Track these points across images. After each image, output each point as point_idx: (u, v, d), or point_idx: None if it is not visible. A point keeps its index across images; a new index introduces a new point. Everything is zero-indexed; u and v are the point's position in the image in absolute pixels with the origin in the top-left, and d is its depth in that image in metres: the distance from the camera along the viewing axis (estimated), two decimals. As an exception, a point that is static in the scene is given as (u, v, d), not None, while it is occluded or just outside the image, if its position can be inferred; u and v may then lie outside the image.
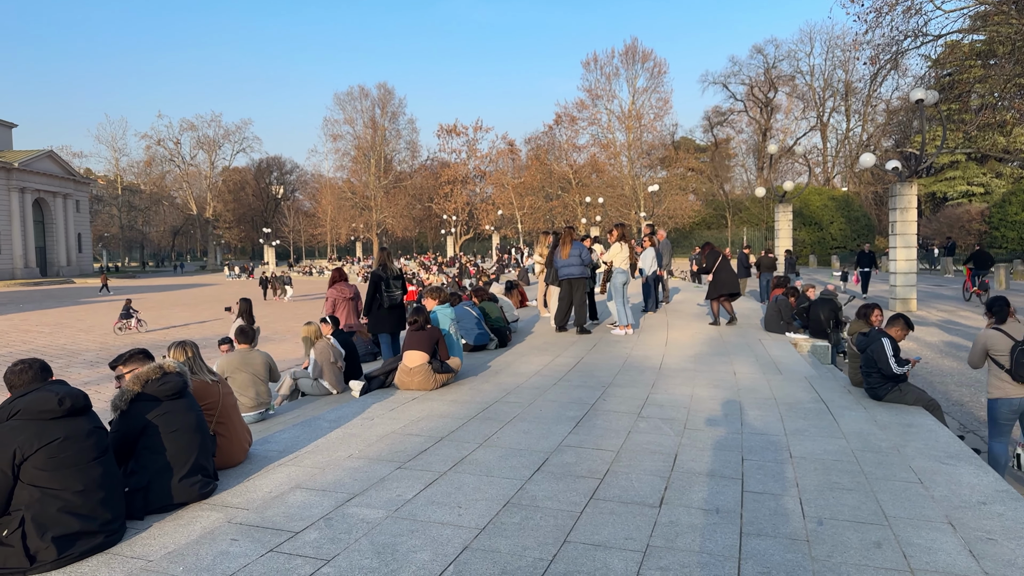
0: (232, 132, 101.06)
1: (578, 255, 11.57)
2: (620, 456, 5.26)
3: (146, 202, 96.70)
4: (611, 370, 8.83)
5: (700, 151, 79.90)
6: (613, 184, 69.42)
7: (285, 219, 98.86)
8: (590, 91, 70.36)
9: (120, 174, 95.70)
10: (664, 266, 15.93)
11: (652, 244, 14.33)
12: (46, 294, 48.59)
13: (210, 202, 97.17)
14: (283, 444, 5.75)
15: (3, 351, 19.74)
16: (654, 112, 69.89)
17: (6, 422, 3.49)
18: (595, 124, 71.72)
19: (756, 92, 75.33)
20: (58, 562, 3.44)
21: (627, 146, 70.01)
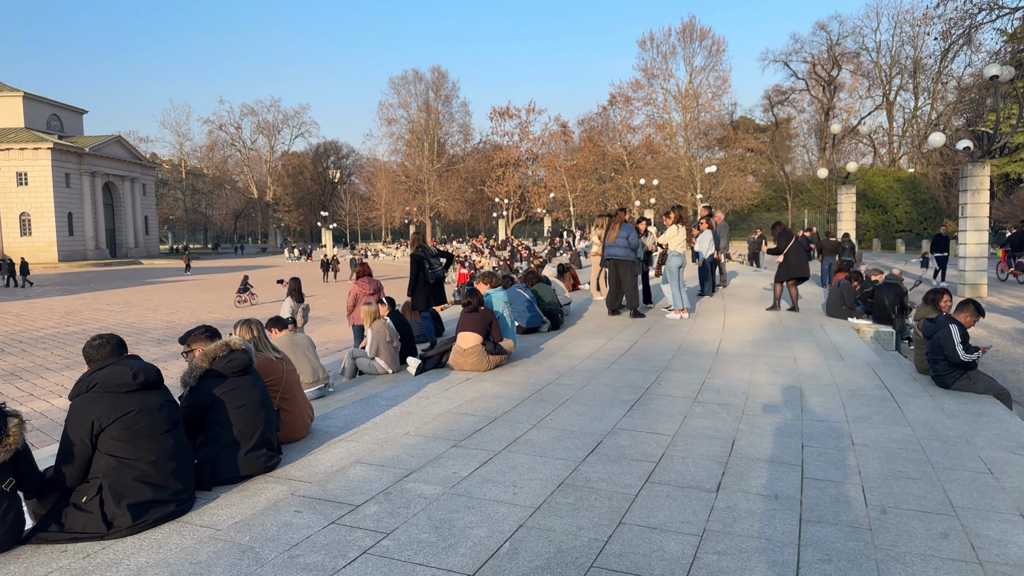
0: (291, 117, 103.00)
1: (625, 237, 11.45)
2: (676, 440, 5.22)
3: (209, 185, 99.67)
4: (666, 354, 8.75)
5: (760, 131, 77.88)
6: (668, 165, 68.32)
7: (341, 202, 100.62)
8: (646, 70, 69.25)
9: (184, 158, 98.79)
10: (722, 249, 15.64)
11: (709, 227, 14.07)
12: (115, 274, 50.66)
13: (270, 186, 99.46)
14: (343, 420, 5.89)
15: (76, 328, 20.71)
16: (712, 91, 68.39)
17: (85, 394, 3.67)
18: (651, 104, 70.62)
19: (819, 70, 72.85)
20: (133, 528, 3.61)
21: (684, 126, 68.74)
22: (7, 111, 68.28)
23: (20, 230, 65.08)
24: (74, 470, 3.60)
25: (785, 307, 12.64)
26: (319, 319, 20.09)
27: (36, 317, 23.99)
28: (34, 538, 3.52)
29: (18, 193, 64.69)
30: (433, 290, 11.19)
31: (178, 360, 13.44)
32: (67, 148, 67.02)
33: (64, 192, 66.99)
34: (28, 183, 64.73)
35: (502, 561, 3.31)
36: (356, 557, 3.35)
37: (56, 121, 74.16)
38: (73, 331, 20.15)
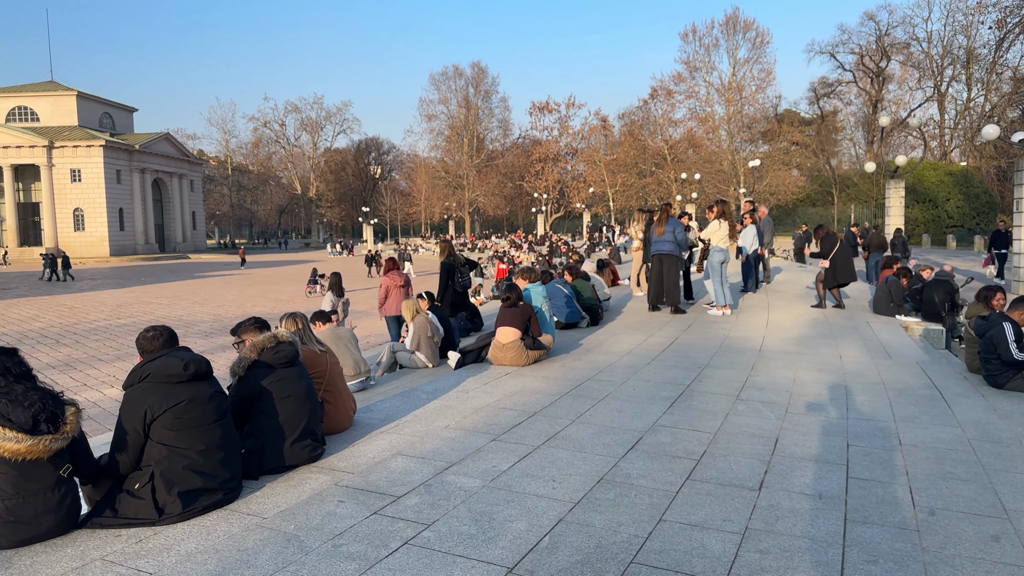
0: (333, 114, 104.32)
1: (672, 232, 11.34)
2: (717, 438, 5.17)
3: (254, 182, 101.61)
4: (708, 351, 8.65)
5: (805, 124, 76.21)
6: (711, 159, 67.38)
7: (382, 198, 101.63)
8: (688, 63, 68.32)
9: (230, 155, 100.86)
10: (765, 244, 15.38)
11: (753, 221, 13.85)
12: (164, 268, 52.02)
13: (313, 182, 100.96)
14: (384, 413, 5.97)
15: (127, 321, 21.33)
16: (756, 84, 67.19)
17: (138, 384, 3.79)
18: (692, 97, 69.63)
19: (867, 61, 70.91)
20: (183, 515, 3.72)
21: (726, 120, 67.69)
22: (62, 110, 70.56)
23: (74, 225, 67.22)
24: (127, 458, 3.73)
25: (830, 305, 12.39)
26: (360, 313, 20.35)
27: (89, 309, 24.78)
28: (90, 523, 3.65)
29: (72, 189, 66.81)
30: (460, 298, 11.62)
31: (224, 352, 13.76)
32: (118, 146, 68.98)
33: (115, 188, 68.98)
34: (82, 180, 66.81)
35: (542, 555, 3.32)
36: (398, 547, 3.40)
37: (108, 119, 76.37)
38: (124, 323, 20.77)
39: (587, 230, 62.22)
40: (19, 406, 3.34)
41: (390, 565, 3.23)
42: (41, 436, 3.35)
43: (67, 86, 72.52)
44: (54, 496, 3.45)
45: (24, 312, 24.33)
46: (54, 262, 39.56)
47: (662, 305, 12.01)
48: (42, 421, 3.37)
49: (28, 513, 3.39)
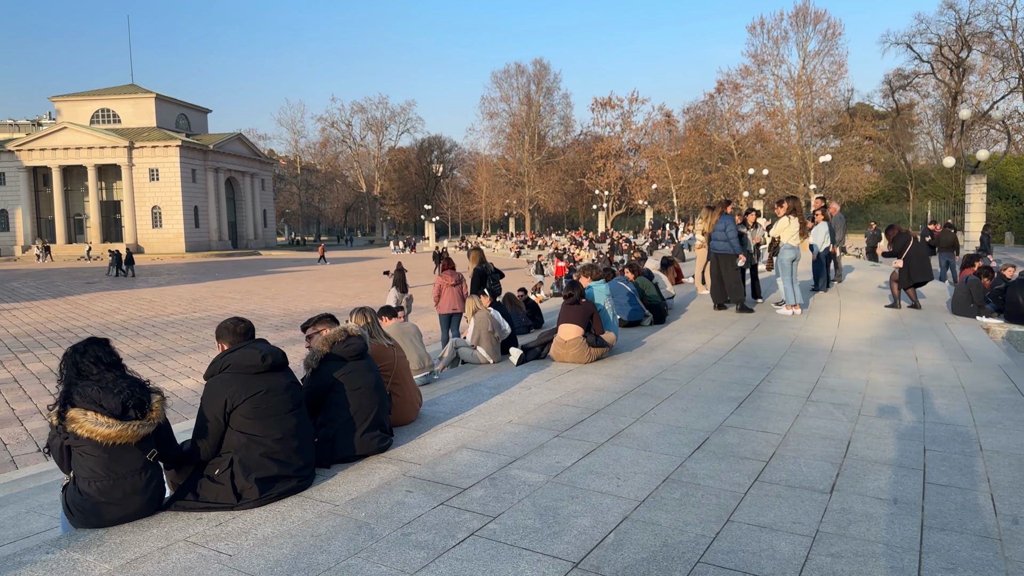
0: (398, 113, 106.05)
1: (722, 229, 11.11)
2: (787, 440, 5.06)
3: (321, 180, 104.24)
4: (776, 351, 8.46)
5: (879, 118, 73.43)
6: (779, 155, 65.64)
7: (444, 196, 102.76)
8: (755, 56, 66.71)
9: (299, 154, 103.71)
10: (837, 242, 14.91)
11: (825, 218, 13.45)
12: (237, 264, 53.87)
13: (378, 180, 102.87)
14: (449, 407, 6.06)
15: (202, 314, 22.19)
16: (827, 77, 65.08)
17: (219, 374, 3.96)
18: (760, 91, 68.01)
19: (946, 52, 67.72)
20: (259, 501, 3.87)
21: (796, 114, 65.79)
22: (141, 111, 73.83)
23: (152, 222, 70.27)
24: (208, 445, 3.90)
25: (905, 305, 11.92)
26: (423, 309, 20.64)
27: (166, 303, 25.89)
28: (173, 505, 3.84)
29: (150, 188, 69.84)
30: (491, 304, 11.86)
31: (294, 345, 14.18)
32: (193, 145, 71.75)
33: (191, 187, 71.79)
34: (159, 179, 69.77)
35: (607, 551, 3.32)
36: (464, 538, 3.46)
37: (184, 120, 79.52)
38: (199, 317, 21.62)
39: (649, 227, 61.49)
40: (110, 393, 3.54)
41: (457, 555, 3.29)
42: (129, 422, 3.54)
43: (146, 88, 75.84)
44: (141, 479, 3.64)
45: (107, 305, 25.60)
46: (119, 258, 41.77)
47: (728, 304, 11.79)
48: (130, 408, 3.56)
49: (117, 494, 3.58)
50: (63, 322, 20.91)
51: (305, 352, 4.90)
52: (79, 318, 21.87)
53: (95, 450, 3.50)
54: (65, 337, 17.70)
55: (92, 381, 3.57)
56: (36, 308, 24.87)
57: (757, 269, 13.20)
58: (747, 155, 68.04)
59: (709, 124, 74.83)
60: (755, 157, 66.47)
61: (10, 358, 14.86)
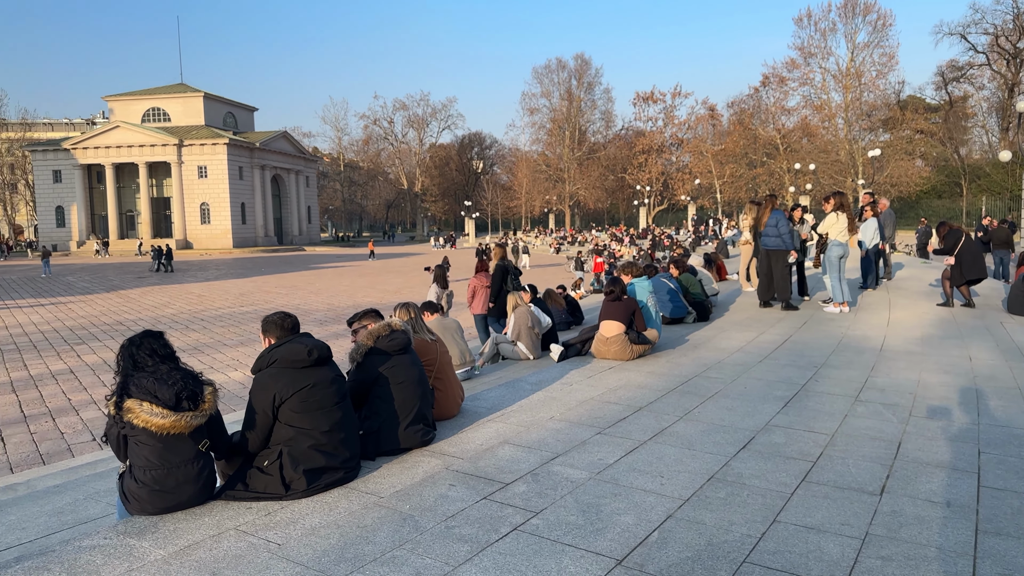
0: (439, 110, 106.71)
1: (774, 225, 10.91)
2: (835, 440, 4.96)
3: (364, 177, 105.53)
4: (824, 350, 8.29)
5: (931, 111, 71.25)
6: (827, 149, 64.22)
7: (484, 192, 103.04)
8: (802, 49, 65.36)
9: (342, 152, 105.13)
10: (887, 239, 14.53)
11: (874, 214, 13.12)
12: (282, 260, 54.89)
13: (419, 177, 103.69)
14: (490, 402, 6.09)
15: (249, 309, 22.68)
16: (876, 69, 63.45)
17: (267, 369, 4.05)
18: (807, 84, 66.62)
19: (1002, 42, 65.32)
20: (307, 492, 3.94)
21: (844, 107, 64.28)
22: (190, 110, 75.60)
23: (200, 218, 71.96)
24: (257, 437, 3.99)
25: (958, 303, 11.56)
26: (462, 305, 20.74)
27: (215, 297, 26.52)
28: (224, 495, 3.94)
29: (199, 185, 71.52)
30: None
31: (338, 340, 14.39)
32: (240, 143, 73.24)
33: (238, 184, 73.31)
34: (207, 176, 71.40)
35: (651, 549, 3.31)
36: (507, 533, 3.48)
37: (231, 119, 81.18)
38: (246, 311, 22.09)
39: (692, 223, 60.75)
40: (164, 385, 3.64)
41: (501, 549, 3.30)
42: (183, 413, 3.64)
43: (195, 87, 77.62)
44: (193, 468, 3.74)
45: (157, 299, 26.33)
46: (160, 254, 42.88)
47: (773, 301, 11.60)
48: (184, 399, 3.66)
49: (171, 483, 3.69)
50: (115, 315, 21.58)
51: (350, 346, 4.97)
52: (131, 312, 22.54)
53: (150, 440, 3.61)
54: (118, 330, 18.26)
55: (147, 373, 3.68)
56: (90, 302, 25.71)
57: (804, 266, 12.95)
58: (793, 150, 66.73)
59: (754, 118, 73.57)
60: (801, 152, 65.16)
61: (66, 350, 15.39)
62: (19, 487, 6.35)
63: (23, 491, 6.14)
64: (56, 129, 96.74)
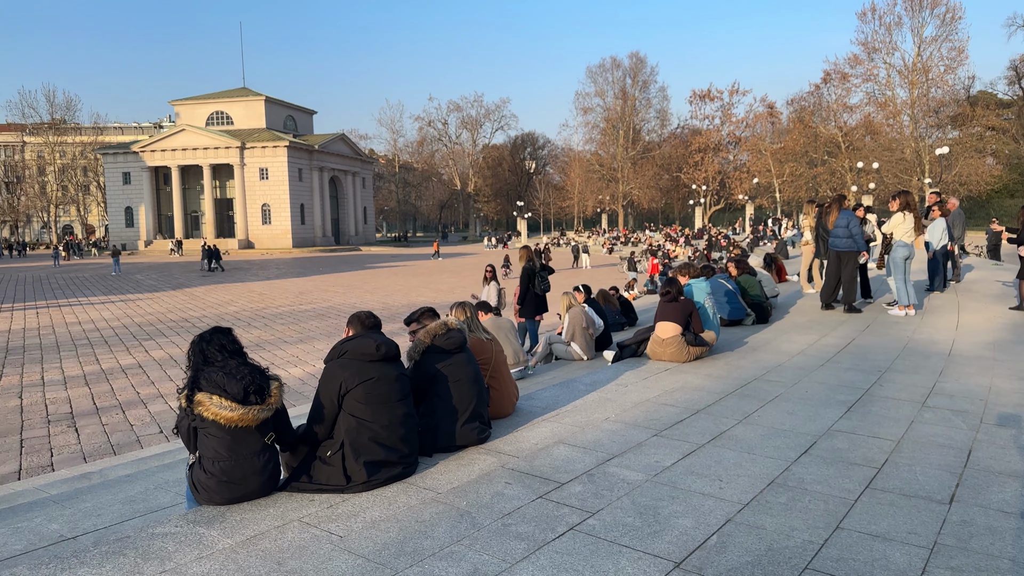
0: (492, 111, 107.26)
1: (845, 226, 10.61)
2: (901, 447, 4.81)
3: (418, 178, 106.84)
4: (888, 354, 8.04)
5: (1003, 107, 68.25)
6: (891, 147, 62.09)
7: (536, 192, 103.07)
8: (866, 44, 63.33)
9: (397, 153, 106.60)
10: (955, 240, 14.00)
11: (943, 214, 12.66)
12: (339, 259, 55.98)
13: (472, 177, 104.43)
14: (545, 402, 6.10)
15: (308, 307, 23.21)
16: (944, 64, 61.00)
17: (337, 359, 4.17)
18: (871, 80, 64.53)
19: (1084, 32, 62.15)
20: (367, 484, 4.03)
21: (909, 104, 62.04)
22: (252, 113, 77.78)
23: (262, 219, 73.97)
24: (323, 427, 4.10)
25: (1034, 306, 11.05)
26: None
27: (275, 296, 27.23)
28: (288, 486, 4.05)
29: (260, 186, 73.52)
30: (539, 301, 12.19)
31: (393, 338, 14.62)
32: (300, 146, 75.00)
33: (297, 185, 75.10)
34: (269, 177, 73.34)
35: (709, 553, 3.27)
36: (564, 532, 3.49)
37: (291, 122, 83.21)
38: (305, 309, 22.63)
39: (750, 223, 59.56)
40: (233, 379, 3.77)
41: (557, 548, 3.32)
42: (250, 406, 3.76)
43: (256, 91, 79.81)
44: (259, 460, 3.87)
45: (221, 297, 27.18)
46: (210, 253, 44.01)
47: (836, 303, 11.30)
48: (251, 393, 3.78)
49: (238, 474, 3.81)
50: (181, 312, 22.37)
51: (408, 345, 5.06)
52: (195, 309, 23.33)
53: (219, 432, 3.75)
54: (183, 327, 18.92)
55: (217, 367, 3.81)
56: (157, 299, 26.72)
57: (867, 267, 12.58)
58: (855, 148, 64.80)
59: (815, 116, 71.71)
60: (864, 150, 63.22)
61: (135, 345, 16.04)
62: (93, 476, 6.67)
63: (97, 480, 6.44)
64: (126, 133, 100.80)
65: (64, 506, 5.07)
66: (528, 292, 12.06)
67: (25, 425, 9.49)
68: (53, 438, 8.87)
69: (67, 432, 9.12)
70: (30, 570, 3.14)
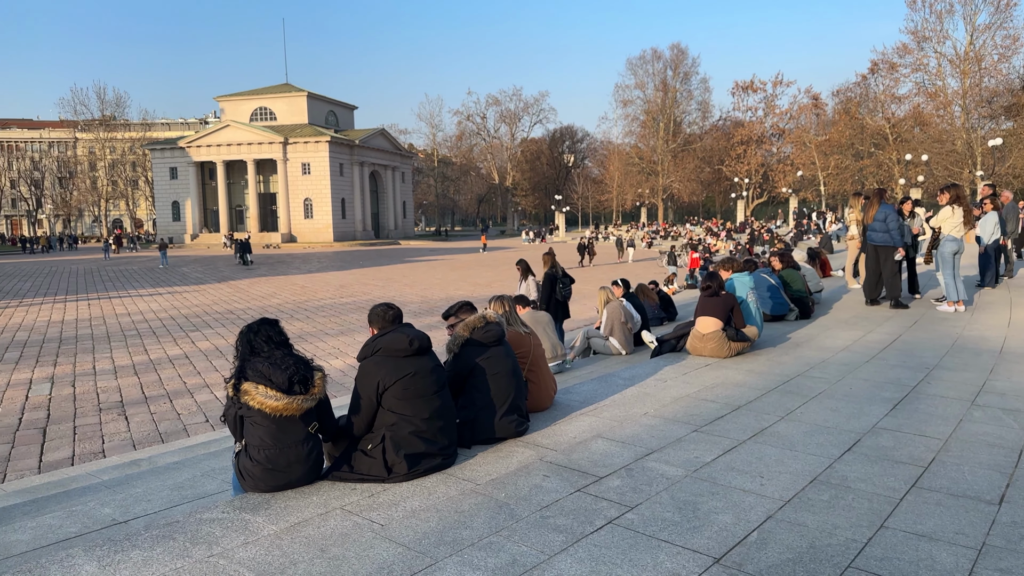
0: (531, 104, 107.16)
1: (883, 220, 10.36)
2: (948, 445, 4.70)
3: (456, 173, 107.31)
4: (936, 350, 7.84)
5: (1062, 96, 65.59)
6: (941, 139, 60.24)
7: (575, 186, 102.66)
8: (915, 33, 61.39)
9: (436, 148, 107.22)
10: (1009, 234, 13.55)
11: (995, 207, 12.26)
12: (379, 253, 56.56)
13: (510, 171, 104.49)
14: (583, 396, 6.10)
15: (349, 300, 23.52)
16: (998, 53, 58.79)
17: (371, 357, 4.22)
18: (920, 70, 62.58)
19: None
20: (407, 476, 4.09)
21: (961, 94, 60.02)
22: (295, 109, 78.89)
23: (304, 213, 75.07)
24: (361, 422, 4.17)
25: (1093, 303, 10.66)
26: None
27: (317, 288, 27.65)
28: (331, 476, 4.13)
29: (303, 181, 74.60)
30: (560, 306, 12.27)
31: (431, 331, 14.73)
32: (341, 141, 75.88)
33: (339, 180, 76.03)
34: (311, 172, 74.36)
35: (750, 549, 3.25)
36: (602, 526, 3.49)
37: (332, 117, 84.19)
38: (346, 302, 22.93)
39: (793, 216, 58.45)
40: (278, 369, 3.86)
41: (596, 541, 3.32)
42: (294, 396, 3.84)
43: (299, 87, 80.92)
44: (303, 449, 3.95)
45: (264, 290, 27.70)
46: (242, 246, 44.20)
47: (882, 299, 11.05)
48: (296, 383, 3.87)
49: (283, 462, 3.90)
50: (226, 304, 22.87)
51: (445, 338, 5.10)
52: (240, 301, 23.83)
53: (264, 420, 3.84)
54: (228, 318, 19.35)
55: (263, 358, 3.90)
56: (203, 291, 27.35)
57: (915, 262, 12.26)
58: (904, 140, 63.08)
59: (861, 107, 70.01)
60: (913, 142, 61.48)
61: (182, 336, 16.45)
62: (142, 463, 6.88)
63: (146, 467, 6.64)
64: (173, 129, 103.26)
65: (116, 491, 5.24)
66: (551, 299, 12.12)
67: (78, 413, 9.82)
68: (104, 425, 9.16)
69: (118, 420, 9.42)
70: (85, 552, 3.27)
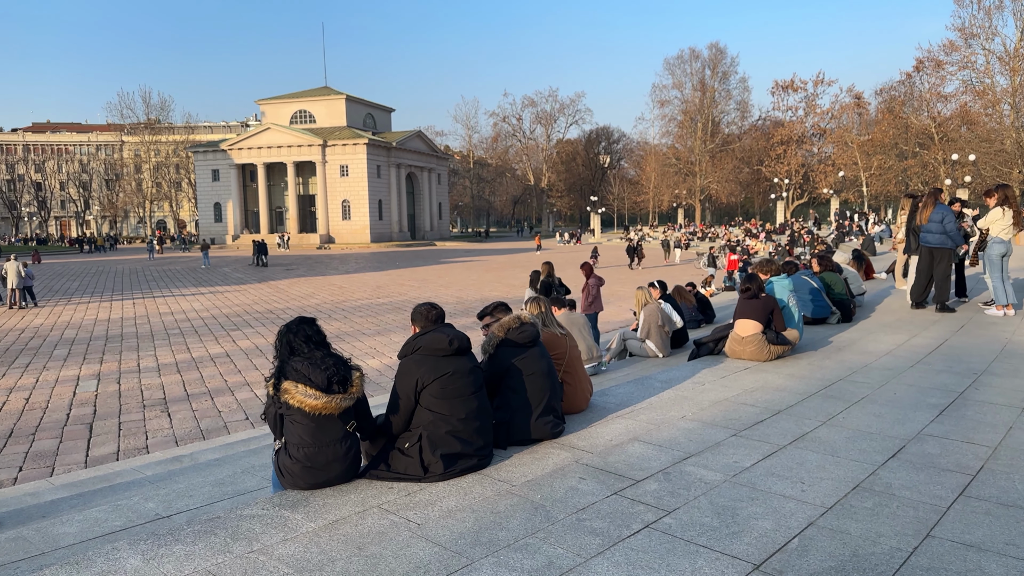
0: (566, 105, 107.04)
1: (939, 221, 10.08)
2: (998, 453, 4.55)
3: (492, 174, 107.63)
4: (985, 356, 7.61)
5: (1119, 93, 63.22)
6: (989, 138, 58.54)
7: (610, 187, 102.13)
8: (963, 30, 59.78)
9: (472, 149, 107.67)
10: (1061, 236, 13.11)
11: (1047, 209, 11.86)
12: (414, 254, 57.00)
13: (545, 173, 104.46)
14: (619, 398, 6.06)
15: (385, 300, 23.73)
16: (1052, 49, 56.96)
17: (411, 355, 4.26)
18: (968, 68, 60.95)
19: None
20: (443, 475, 4.11)
21: (1011, 92, 58.23)
22: (333, 112, 79.93)
23: (342, 215, 76.01)
24: (399, 420, 4.20)
25: None
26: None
27: (354, 289, 27.98)
28: (368, 474, 4.17)
29: (341, 183, 75.55)
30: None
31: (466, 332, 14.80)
32: (378, 143, 76.66)
33: (376, 182, 76.83)
34: (348, 174, 75.27)
35: (790, 556, 3.19)
36: (639, 529, 3.46)
37: (370, 120, 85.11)
38: (383, 302, 23.15)
39: (835, 217, 57.30)
40: (317, 368, 3.91)
41: (632, 545, 3.30)
42: (333, 395, 3.89)
43: (337, 90, 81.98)
44: (341, 447, 3.99)
45: (303, 290, 28.12)
46: (260, 247, 43.62)
47: (927, 302, 10.76)
48: (334, 382, 3.91)
49: (321, 460, 3.95)
50: (266, 304, 23.26)
51: (481, 339, 5.12)
52: (280, 301, 24.22)
53: (303, 419, 3.89)
54: (268, 318, 19.68)
55: (303, 357, 3.96)
56: (244, 291, 27.87)
57: (963, 265, 11.93)
58: (950, 139, 61.44)
59: (905, 106, 68.36)
60: (960, 141, 59.86)
61: (223, 335, 16.78)
62: (184, 459, 7.03)
63: (188, 463, 6.79)
64: (215, 131, 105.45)
65: (158, 486, 5.36)
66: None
67: (123, 409, 10.08)
68: (148, 422, 9.39)
69: (160, 417, 9.64)
70: (130, 545, 3.34)
